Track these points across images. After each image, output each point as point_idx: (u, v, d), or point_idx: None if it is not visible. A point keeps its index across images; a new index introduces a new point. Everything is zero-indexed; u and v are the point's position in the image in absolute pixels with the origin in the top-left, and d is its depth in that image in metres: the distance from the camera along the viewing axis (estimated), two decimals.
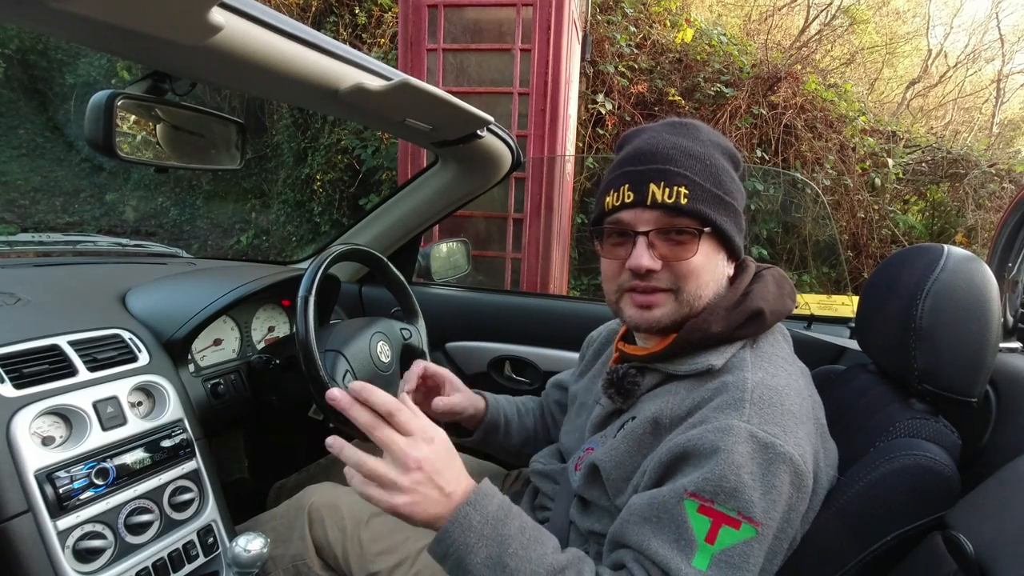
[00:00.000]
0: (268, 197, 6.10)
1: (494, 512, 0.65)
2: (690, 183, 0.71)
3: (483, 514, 0.64)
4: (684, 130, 0.76)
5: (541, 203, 2.87)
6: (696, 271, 0.73)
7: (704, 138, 0.76)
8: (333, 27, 5.14)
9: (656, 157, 0.72)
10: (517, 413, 1.10)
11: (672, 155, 0.72)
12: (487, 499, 0.65)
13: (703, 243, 0.73)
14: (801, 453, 0.64)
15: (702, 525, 0.62)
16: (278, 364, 1.11)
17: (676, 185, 0.70)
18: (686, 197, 0.70)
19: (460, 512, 0.63)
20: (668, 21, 5.09)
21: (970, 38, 8.15)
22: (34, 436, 0.75)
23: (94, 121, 0.77)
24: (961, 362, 0.74)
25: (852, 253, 4.86)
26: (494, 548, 0.63)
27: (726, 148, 0.77)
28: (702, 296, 0.74)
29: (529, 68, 2.75)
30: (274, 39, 0.73)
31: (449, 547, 0.63)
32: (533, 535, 0.66)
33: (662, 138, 0.74)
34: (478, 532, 0.63)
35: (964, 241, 4.84)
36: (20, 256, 1.32)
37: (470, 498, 0.64)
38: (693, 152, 0.73)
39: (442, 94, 0.94)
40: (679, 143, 0.74)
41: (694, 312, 0.75)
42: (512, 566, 0.62)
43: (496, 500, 0.66)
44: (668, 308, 0.74)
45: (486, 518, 0.64)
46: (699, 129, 0.77)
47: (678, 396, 0.73)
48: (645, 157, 0.73)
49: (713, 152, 0.74)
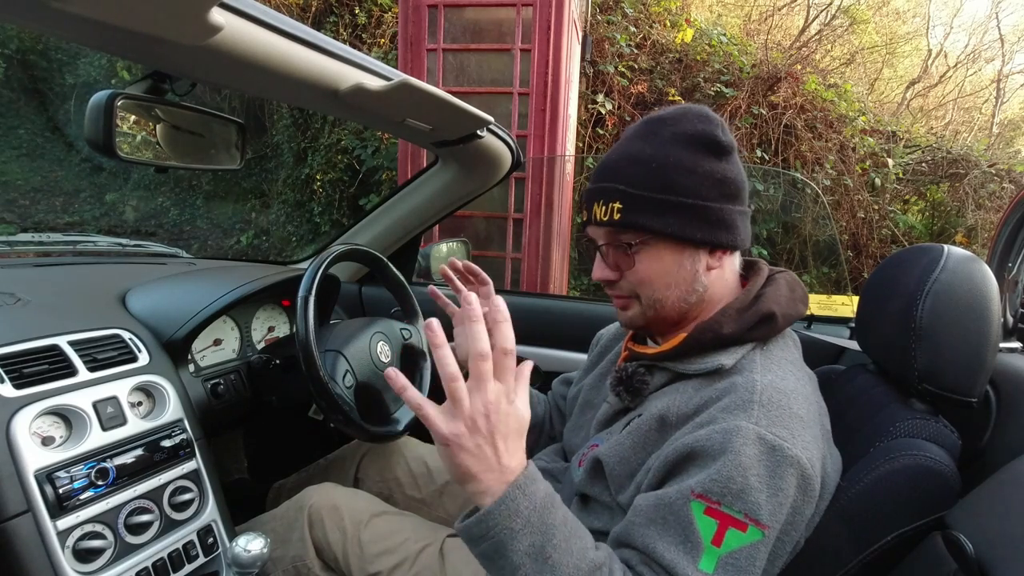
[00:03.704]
0: (268, 197, 6.10)
1: (542, 499, 0.60)
2: (624, 196, 0.73)
3: (531, 499, 0.59)
4: (649, 129, 0.75)
5: (541, 203, 2.87)
6: (646, 279, 0.76)
7: (665, 134, 0.73)
8: (333, 27, 5.14)
9: (602, 174, 0.76)
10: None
11: (617, 168, 0.74)
12: (535, 484, 0.61)
13: (646, 251, 0.75)
14: (809, 457, 0.64)
15: (709, 527, 0.61)
16: (278, 364, 1.11)
17: (610, 201, 0.74)
18: (619, 212, 0.73)
19: (509, 494, 0.58)
20: (668, 21, 5.09)
21: (970, 38, 8.17)
22: (34, 436, 0.75)
23: (94, 121, 0.77)
24: (961, 362, 0.74)
25: (852, 253, 4.86)
26: (538, 537, 0.59)
27: (696, 136, 0.73)
28: (664, 299, 0.76)
29: (529, 68, 2.75)
30: (274, 39, 0.73)
31: (491, 529, 0.58)
32: (574, 527, 0.63)
33: (620, 149, 0.77)
34: (525, 518, 0.59)
35: (964, 241, 4.84)
36: (20, 256, 1.32)
37: (520, 480, 0.59)
38: (641, 157, 0.73)
39: (442, 94, 0.94)
40: (630, 151, 0.74)
41: (662, 313, 0.78)
42: (555, 558, 0.59)
43: (543, 486, 0.62)
44: (635, 311, 0.80)
45: (534, 504, 0.59)
46: (664, 123, 0.74)
47: (686, 394, 0.73)
48: (596, 175, 0.78)
49: (669, 149, 0.72)
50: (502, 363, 0.59)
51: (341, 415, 0.94)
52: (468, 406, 0.57)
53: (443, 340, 0.58)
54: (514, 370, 0.60)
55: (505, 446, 0.59)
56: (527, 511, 0.59)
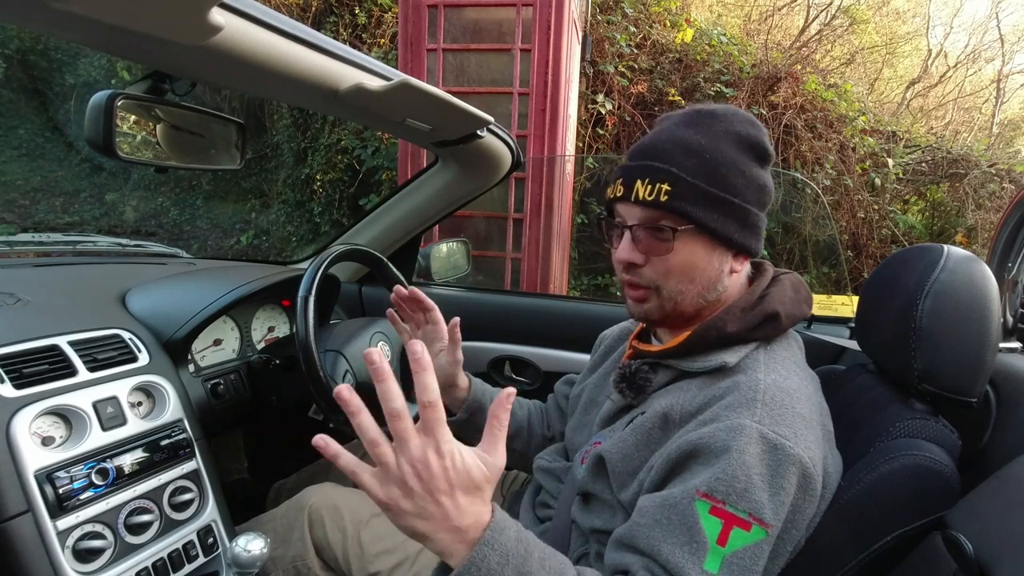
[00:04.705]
0: (268, 197, 6.10)
1: (513, 547, 0.55)
2: (675, 179, 0.70)
3: (502, 552, 0.54)
4: (699, 120, 0.75)
5: (541, 203, 2.87)
6: (676, 269, 0.74)
7: (718, 128, 0.73)
8: (333, 27, 5.14)
9: (649, 153, 0.73)
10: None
11: (666, 150, 0.72)
12: (504, 533, 0.55)
13: (683, 241, 0.72)
14: (811, 456, 0.64)
15: (714, 527, 0.61)
16: (278, 364, 1.11)
17: (659, 182, 0.71)
18: (667, 194, 0.70)
19: (477, 555, 0.53)
20: (668, 21, 5.09)
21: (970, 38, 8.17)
22: (34, 436, 0.75)
23: (94, 121, 0.77)
24: (961, 362, 0.74)
25: (852, 253, 4.86)
26: None
27: (746, 138, 0.73)
28: (685, 293, 0.75)
29: (529, 68, 2.75)
30: (274, 39, 0.73)
31: None
32: (554, 566, 0.58)
33: (667, 132, 0.75)
34: (498, 574, 0.54)
35: (964, 241, 4.83)
36: (20, 256, 1.32)
37: (486, 537, 0.54)
38: (694, 147, 0.72)
39: (442, 94, 0.94)
40: (682, 136, 0.73)
41: (680, 307, 0.76)
42: None
43: (512, 532, 0.57)
44: (652, 304, 0.77)
45: (505, 556, 0.54)
46: (716, 118, 0.74)
47: (689, 392, 0.73)
48: (640, 152, 0.75)
49: (722, 145, 0.72)
50: (425, 417, 0.53)
51: (341, 415, 0.93)
52: (395, 468, 0.53)
53: (359, 405, 0.53)
54: (441, 421, 0.53)
55: (452, 503, 0.53)
56: (500, 567, 0.54)
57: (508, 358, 1.53)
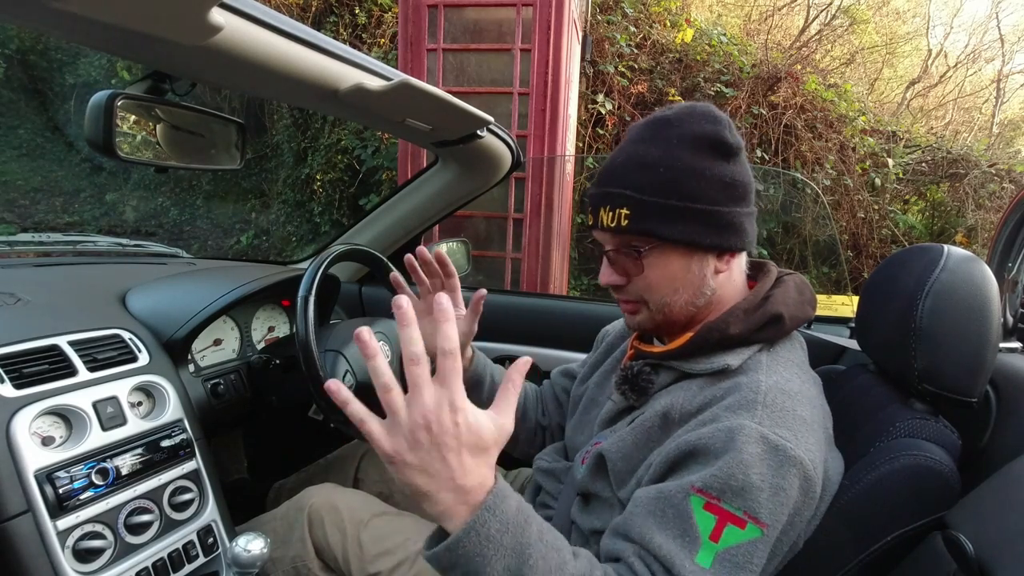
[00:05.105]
0: (268, 197, 6.10)
1: (513, 516, 0.55)
2: (633, 202, 0.71)
3: (502, 519, 0.54)
4: (655, 130, 0.74)
5: (541, 203, 2.87)
6: (655, 284, 0.75)
7: (672, 135, 0.72)
8: (333, 27, 5.14)
9: (607, 179, 0.75)
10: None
11: (622, 173, 0.73)
12: (506, 500, 0.55)
13: (654, 257, 0.73)
14: (811, 459, 0.64)
15: (707, 522, 0.61)
16: (278, 364, 1.11)
17: (617, 207, 0.72)
18: (627, 218, 0.72)
19: (479, 519, 0.52)
20: (668, 21, 5.09)
21: (970, 38, 8.17)
22: (34, 436, 0.75)
23: (94, 121, 0.77)
24: (961, 362, 0.74)
25: (852, 253, 4.86)
26: (513, 559, 0.54)
27: (703, 138, 0.71)
28: (672, 304, 0.76)
29: (529, 68, 2.75)
30: (274, 39, 0.73)
31: (460, 558, 0.53)
32: (551, 540, 0.58)
33: (625, 151, 0.75)
34: (496, 542, 0.53)
35: (964, 241, 4.84)
36: (20, 256, 1.32)
37: (489, 501, 0.53)
38: (648, 162, 0.71)
39: (442, 94, 0.94)
40: (637, 153, 0.73)
41: (671, 316, 0.77)
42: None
43: (514, 501, 0.56)
44: (644, 316, 0.79)
45: (505, 524, 0.54)
46: (670, 125, 0.73)
47: (690, 392, 0.73)
48: (601, 178, 0.76)
49: (676, 152, 0.71)
50: (443, 366, 0.51)
51: (341, 415, 0.93)
52: (405, 418, 0.51)
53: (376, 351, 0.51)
54: (457, 372, 0.51)
55: (459, 462, 0.51)
56: (499, 534, 0.53)
57: (508, 358, 1.53)
